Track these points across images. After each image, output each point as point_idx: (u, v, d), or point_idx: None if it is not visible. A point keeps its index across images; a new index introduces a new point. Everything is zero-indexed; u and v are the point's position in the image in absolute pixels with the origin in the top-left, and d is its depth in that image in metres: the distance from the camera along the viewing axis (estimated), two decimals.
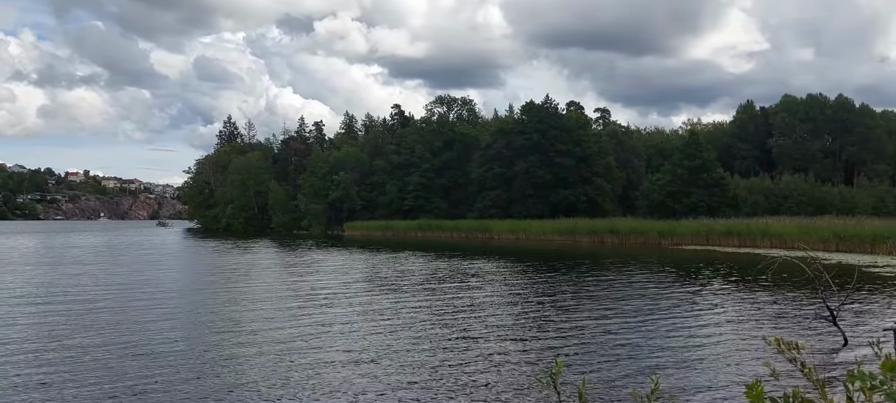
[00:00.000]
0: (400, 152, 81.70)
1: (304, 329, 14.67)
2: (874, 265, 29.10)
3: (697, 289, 21.70)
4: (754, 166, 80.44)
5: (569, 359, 11.62)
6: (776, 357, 2.33)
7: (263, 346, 12.81)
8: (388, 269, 29.97)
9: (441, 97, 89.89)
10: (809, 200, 65.59)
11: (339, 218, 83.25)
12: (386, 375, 10.64)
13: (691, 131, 79.73)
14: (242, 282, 24.94)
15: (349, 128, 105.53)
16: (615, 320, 15.75)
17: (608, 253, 40.62)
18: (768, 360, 2.59)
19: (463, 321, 15.81)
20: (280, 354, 12.04)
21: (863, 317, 15.65)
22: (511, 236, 60.88)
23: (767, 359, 2.60)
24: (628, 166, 78.04)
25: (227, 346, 12.77)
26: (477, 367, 11.18)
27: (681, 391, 9.64)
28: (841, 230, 39.97)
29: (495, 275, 26.89)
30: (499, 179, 72.35)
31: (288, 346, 12.76)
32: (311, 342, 13.21)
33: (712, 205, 61.45)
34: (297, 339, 13.43)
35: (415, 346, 12.84)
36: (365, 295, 20.70)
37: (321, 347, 12.75)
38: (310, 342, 13.20)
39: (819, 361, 11.17)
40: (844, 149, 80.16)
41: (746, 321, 15.60)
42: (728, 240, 45.98)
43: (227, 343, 13.12)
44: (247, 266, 33.30)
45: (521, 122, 73.91)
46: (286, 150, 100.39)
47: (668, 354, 12.10)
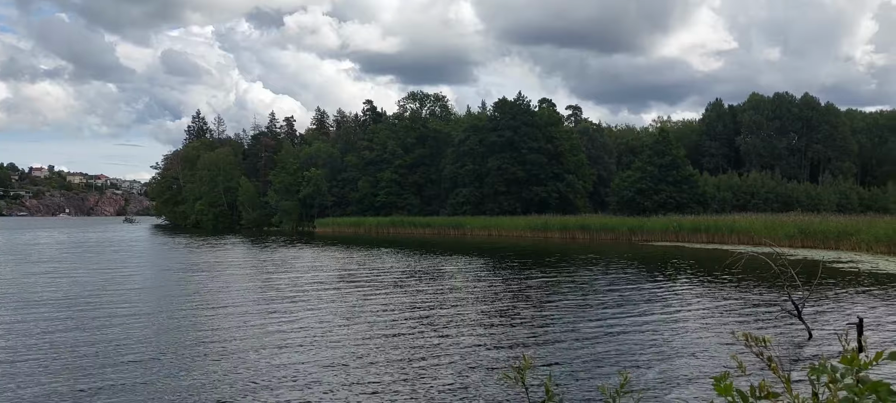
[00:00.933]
0: (372, 148, 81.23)
1: (273, 327, 14.41)
2: (838, 260, 29.63)
3: (666, 285, 21.84)
4: (722, 163, 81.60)
5: (538, 355, 11.58)
6: (743, 351, 2.29)
7: (231, 345, 12.54)
8: (359, 266, 29.71)
9: (414, 93, 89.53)
10: (776, 197, 66.77)
11: (310, 215, 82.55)
12: (354, 373, 10.48)
13: (661, 129, 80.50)
14: (210, 280, 24.50)
15: (320, 123, 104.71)
16: (584, 315, 15.75)
17: (579, 249, 40.81)
18: (735, 354, 2.53)
19: (433, 318, 15.67)
20: (248, 354, 11.79)
21: (827, 312, 15.86)
22: (483, 232, 60.94)
23: (735, 353, 2.61)
24: (599, 163, 78.64)
25: (193, 346, 12.46)
26: (446, 364, 11.07)
27: (650, 385, 9.65)
28: (806, 226, 40.67)
29: (467, 272, 26.80)
30: (471, 176, 72.36)
31: (256, 346, 12.51)
32: (279, 341, 12.96)
33: (681, 202, 62.22)
34: (265, 339, 13.18)
35: (384, 343, 12.68)
36: (335, 293, 20.45)
37: (289, 346, 12.51)
38: (278, 341, 12.96)
39: (785, 354, 11.25)
40: (810, 146, 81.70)
41: (714, 315, 15.70)
42: (697, 236, 46.54)
43: (193, 343, 12.82)
44: (215, 263, 32.76)
45: (493, 119, 73.96)
46: (256, 146, 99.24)
47: (637, 349, 12.11)
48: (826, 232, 38.56)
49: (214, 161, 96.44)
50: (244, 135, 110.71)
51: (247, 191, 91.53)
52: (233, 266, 31.11)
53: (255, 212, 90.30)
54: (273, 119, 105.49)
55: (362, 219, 75.16)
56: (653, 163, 64.98)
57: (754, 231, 42.05)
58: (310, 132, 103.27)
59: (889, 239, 33.78)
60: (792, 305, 13.65)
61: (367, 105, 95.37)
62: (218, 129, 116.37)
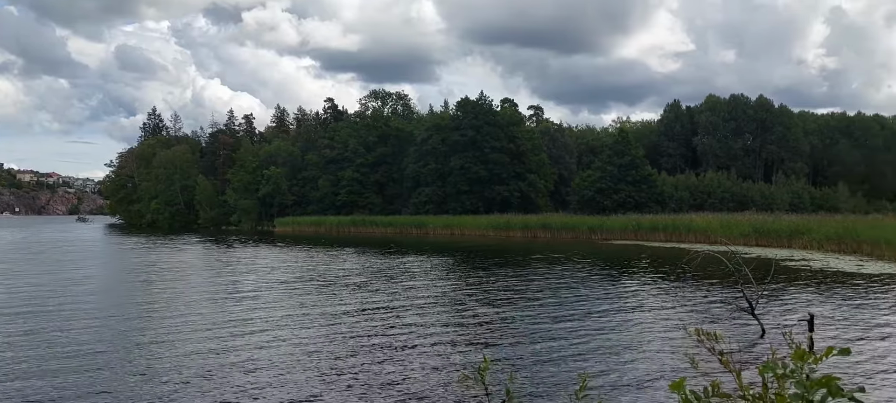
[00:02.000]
0: (333, 147, 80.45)
1: (229, 330, 14.03)
2: (791, 258, 30.30)
3: (625, 283, 22.00)
4: (680, 163, 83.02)
5: (498, 355, 11.49)
6: (697, 347, 2.40)
7: (186, 349, 12.15)
8: (318, 266, 29.30)
9: (375, 91, 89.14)
10: (732, 196, 68.22)
11: (270, 214, 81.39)
12: (313, 374, 10.26)
13: (621, 129, 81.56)
14: (165, 281, 23.85)
15: (280, 121, 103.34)
16: (545, 315, 15.72)
17: (541, 247, 40.98)
18: (688, 351, 2.68)
19: (393, 319, 15.46)
20: (203, 358, 11.43)
21: (780, 308, 16.13)
22: (446, 231, 60.82)
23: (688, 350, 2.62)
24: (560, 163, 79.27)
25: (148, 353, 12.03)
26: (405, 365, 10.91)
27: (608, 383, 9.66)
28: (760, 225, 41.54)
29: (429, 271, 26.63)
30: (434, 175, 72.21)
31: (212, 349, 12.15)
32: (235, 343, 12.63)
33: (640, 201, 63.11)
34: (221, 341, 12.82)
35: (343, 344, 12.44)
36: (294, 294, 20.07)
37: (247, 347, 12.19)
38: (234, 343, 12.62)
39: (738, 350, 11.36)
40: (764, 147, 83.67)
41: (671, 313, 15.82)
42: (655, 235, 47.17)
43: (149, 349, 12.38)
44: (170, 263, 31.97)
45: (455, 118, 73.95)
46: (214, 144, 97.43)
47: (597, 347, 12.10)
48: (779, 231, 39.43)
49: (171, 159, 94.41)
50: (202, 133, 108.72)
51: (204, 189, 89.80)
52: (190, 266, 30.39)
53: (213, 211, 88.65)
54: (231, 116, 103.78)
55: (323, 219, 74.36)
56: (612, 163, 65.81)
57: (711, 230, 42.79)
58: (269, 130, 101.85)
59: (839, 238, 34.69)
60: (746, 302, 13.82)
61: (328, 103, 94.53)
62: (174, 127, 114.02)
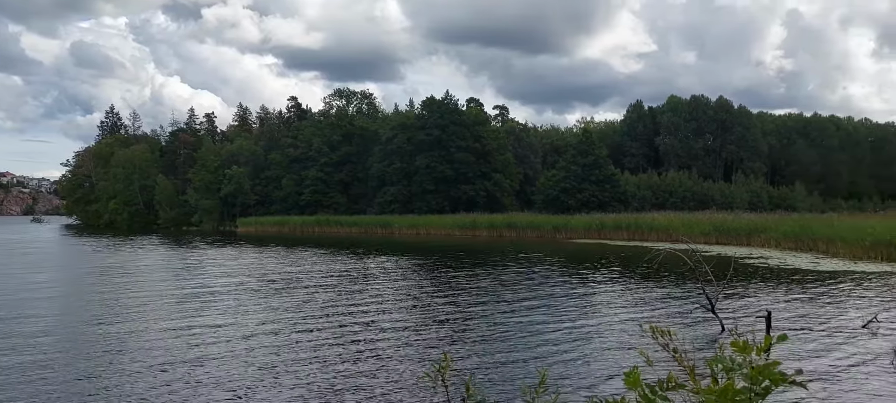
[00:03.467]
0: (297, 146, 79.55)
1: (189, 332, 13.66)
2: (749, 256, 30.81)
3: (588, 281, 22.09)
4: (643, 163, 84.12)
5: (460, 353, 11.39)
6: (653, 343, 2.44)
7: (143, 354, 11.77)
8: (281, 267, 28.85)
9: (340, 90, 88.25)
10: (693, 196, 69.32)
11: (232, 214, 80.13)
12: (275, 377, 10.07)
13: (584, 129, 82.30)
14: (121, 284, 23.21)
15: (243, 120, 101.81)
16: (508, 313, 15.66)
17: (506, 246, 41.03)
18: (644, 348, 2.75)
19: (357, 318, 15.24)
20: (161, 363, 11.07)
21: (739, 305, 16.32)
22: (411, 231, 60.58)
23: (644, 346, 2.84)
24: (526, 162, 79.63)
25: (101, 356, 11.62)
26: (368, 365, 10.76)
27: (568, 380, 9.65)
28: (720, 224, 42.23)
29: (393, 271, 26.41)
30: (399, 174, 71.90)
31: (170, 353, 11.80)
32: (195, 345, 12.28)
33: (604, 200, 63.72)
34: (180, 344, 12.47)
35: (305, 345, 12.19)
36: (255, 296, 19.68)
37: (206, 345, 11.85)
38: (196, 349, 12.26)
39: (698, 346, 11.42)
40: (724, 147, 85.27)
41: (633, 310, 15.89)
42: (618, 234, 47.63)
43: (101, 352, 11.97)
44: (128, 265, 31.16)
45: (421, 117, 73.74)
46: (174, 143, 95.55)
47: (558, 344, 12.07)
48: (738, 229, 40.11)
49: (130, 158, 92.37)
50: (162, 132, 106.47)
51: (164, 189, 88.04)
52: (149, 268, 29.65)
53: (174, 211, 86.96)
54: (192, 115, 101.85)
55: (287, 218, 73.46)
56: (576, 162, 66.35)
57: (672, 228, 43.39)
58: (231, 129, 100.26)
59: (796, 236, 35.42)
60: (706, 299, 13.93)
61: (291, 101, 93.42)
62: (133, 125, 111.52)
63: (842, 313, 15.08)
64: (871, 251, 28.61)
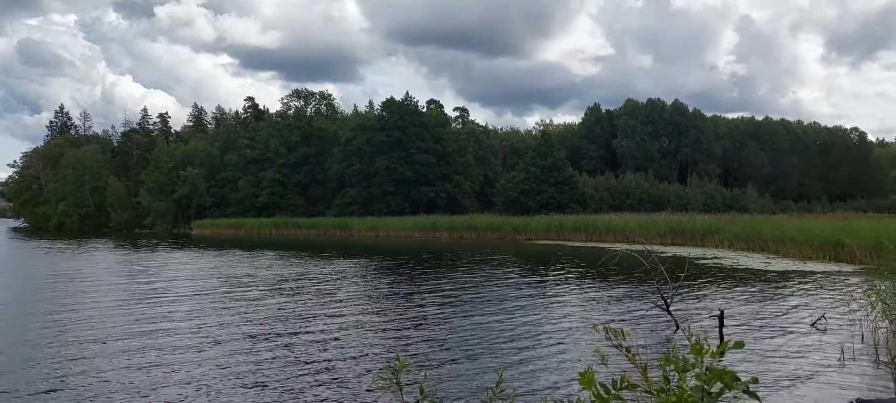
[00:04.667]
0: (254, 147, 78.31)
1: (141, 338, 13.21)
2: (704, 257, 31.37)
3: (547, 282, 22.16)
4: (600, 165, 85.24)
5: (417, 355, 11.26)
6: (609, 343, 2.51)
7: (93, 362, 11.31)
8: (237, 270, 28.26)
9: (298, 90, 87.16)
10: (649, 197, 70.53)
11: (187, 216, 78.42)
12: (228, 381, 9.74)
13: (544, 132, 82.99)
14: (69, 288, 22.39)
15: (198, 120, 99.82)
16: (466, 314, 15.57)
17: (466, 248, 41.02)
18: (599, 347, 2.85)
19: (313, 321, 14.95)
20: (113, 369, 10.65)
21: (693, 305, 16.54)
22: (371, 233, 60.17)
23: (599, 346, 2.85)
24: (486, 164, 79.90)
25: (49, 364, 11.11)
26: (323, 368, 10.57)
27: (525, 380, 9.60)
28: (676, 225, 42.97)
29: (352, 273, 26.10)
30: (359, 176, 71.40)
31: (122, 360, 11.36)
32: (148, 350, 11.87)
33: (562, 202, 64.34)
34: (132, 350, 12.04)
35: (261, 350, 11.88)
36: (209, 299, 19.19)
37: (158, 353, 11.44)
38: (146, 351, 11.85)
39: (654, 345, 11.49)
40: (679, 150, 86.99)
41: (590, 310, 15.96)
42: (576, 235, 48.09)
43: (50, 361, 11.45)
44: (77, 269, 30.15)
45: (381, 119, 73.36)
46: (127, 143, 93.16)
47: (515, 345, 12.02)
48: (693, 230, 40.86)
49: (80, 159, 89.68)
50: (113, 132, 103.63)
51: (116, 191, 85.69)
52: (100, 272, 28.72)
53: (126, 214, 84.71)
54: (145, 115, 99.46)
55: (243, 220, 72.22)
56: (536, 164, 66.87)
57: (629, 229, 43.98)
58: (186, 129, 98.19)
59: (748, 237, 36.23)
60: (661, 299, 14.06)
61: (248, 102, 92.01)
62: (84, 125, 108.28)
63: (791, 312, 15.40)
64: (819, 251, 29.41)
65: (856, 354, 10.75)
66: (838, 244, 28.70)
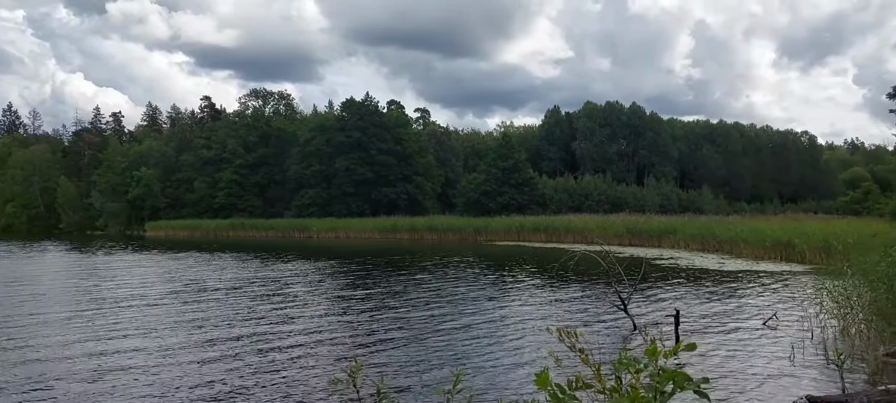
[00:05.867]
0: (210, 147, 76.99)
1: (92, 343, 12.74)
2: (660, 257, 31.85)
3: (506, 283, 22.19)
4: (560, 167, 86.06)
5: (375, 357, 11.12)
6: (562, 344, 2.55)
7: (40, 367, 10.84)
8: (192, 272, 27.63)
9: (256, 90, 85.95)
10: (607, 198, 71.43)
11: (140, 218, 76.65)
12: (181, 386, 9.42)
13: (504, 133, 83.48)
14: (17, 293, 21.55)
15: (152, 120, 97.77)
16: (426, 316, 15.46)
17: (427, 249, 40.91)
18: (554, 349, 2.86)
19: (270, 324, 14.65)
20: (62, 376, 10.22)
21: (650, 304, 16.73)
22: (330, 235, 59.60)
23: (555, 348, 2.83)
24: (447, 165, 79.97)
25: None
26: (280, 371, 10.35)
27: (483, 381, 9.54)
28: (633, 226, 43.57)
29: (310, 275, 25.74)
30: (318, 177, 70.73)
31: (70, 366, 10.92)
32: (98, 355, 11.45)
33: (523, 203, 64.77)
34: (82, 355, 11.59)
35: (215, 354, 11.56)
36: (162, 303, 18.67)
37: (109, 357, 11.04)
38: (97, 356, 11.43)
39: (611, 345, 11.55)
40: (637, 152, 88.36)
41: (549, 311, 16.01)
42: (536, 236, 48.40)
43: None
44: (23, 272, 29.09)
45: (341, 119, 72.83)
46: (78, 143, 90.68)
47: (474, 346, 11.97)
48: (650, 231, 41.49)
49: (29, 159, 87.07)
50: (64, 131, 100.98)
51: (67, 191, 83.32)
52: (47, 275, 27.76)
53: (77, 215, 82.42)
54: (98, 114, 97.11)
55: (199, 222, 70.87)
56: (497, 166, 67.17)
57: (588, 230, 44.45)
58: (140, 129, 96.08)
59: (703, 237, 36.93)
60: (619, 299, 14.17)
61: (204, 101, 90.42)
62: (33, 124, 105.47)
63: (744, 311, 15.69)
64: (771, 251, 30.14)
65: (806, 352, 10.97)
66: (789, 245, 29.45)
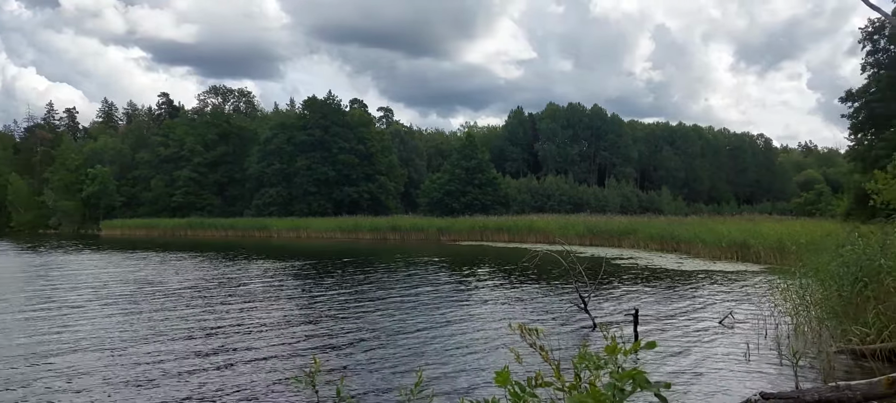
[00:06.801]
0: (168, 144, 75.46)
1: (43, 346, 12.28)
2: (620, 257, 32.25)
3: (469, 283, 22.18)
4: (523, 167, 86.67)
5: (336, 358, 10.97)
6: (526, 342, 2.58)
7: None
8: (148, 273, 26.97)
9: (215, 87, 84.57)
10: (569, 199, 72.17)
11: (95, 217, 74.71)
12: (136, 389, 9.13)
13: (468, 133, 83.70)
14: None
15: (108, 116, 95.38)
16: (386, 316, 15.33)
17: (389, 249, 40.71)
18: (516, 347, 2.90)
19: (228, 325, 14.35)
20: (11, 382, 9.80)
21: (609, 303, 16.88)
22: (292, 234, 58.94)
23: (516, 345, 2.90)
24: (410, 165, 79.84)
25: None
26: (238, 373, 10.13)
27: (444, 380, 9.53)
28: (594, 226, 44.08)
29: (270, 275, 25.36)
30: (279, 175, 69.89)
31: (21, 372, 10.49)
32: (50, 357, 11.04)
33: (486, 203, 65.01)
34: (34, 358, 11.15)
35: (172, 355, 11.25)
36: (116, 305, 18.16)
37: (62, 359, 10.65)
38: (48, 359, 11.01)
39: (571, 343, 11.60)
40: (598, 153, 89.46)
41: (510, 310, 16.03)
42: (499, 236, 48.61)
43: None
44: None
45: (302, 117, 72.12)
46: (30, 139, 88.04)
47: (435, 345, 11.90)
48: (610, 231, 42.00)
49: None
50: (15, 127, 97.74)
51: (18, 189, 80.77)
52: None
53: (29, 214, 79.96)
54: (51, 109, 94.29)
55: (156, 221, 69.40)
56: (460, 166, 67.30)
57: (550, 230, 44.80)
58: (95, 125, 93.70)
59: (661, 238, 37.53)
60: (579, 298, 14.25)
61: (162, 98, 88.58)
62: None
63: (701, 310, 15.94)
64: (728, 251, 30.77)
65: (760, 350, 11.17)
66: (745, 245, 30.10)
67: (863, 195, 29.64)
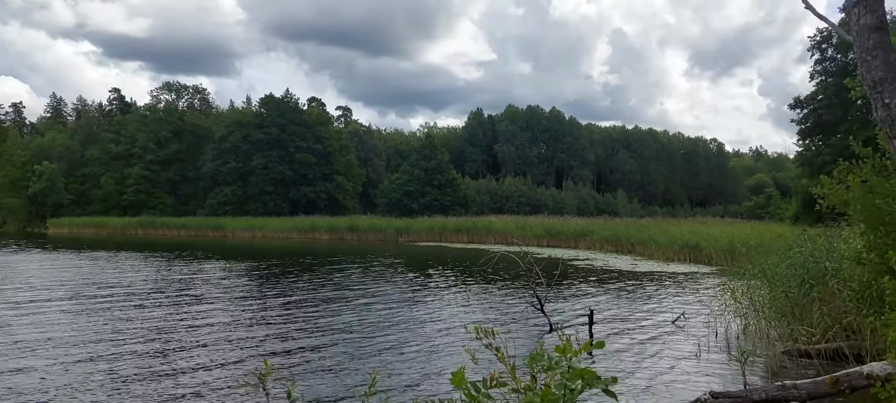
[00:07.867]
0: (119, 141, 73.55)
1: None
2: (577, 258, 32.61)
3: (426, 284, 22.12)
4: (482, 169, 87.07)
5: (289, 360, 10.77)
6: (482, 343, 2.63)
7: None
8: (96, 273, 26.16)
9: (168, 83, 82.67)
10: (527, 200, 72.78)
11: (42, 214, 72.33)
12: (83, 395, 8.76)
13: (427, 134, 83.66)
14: None
15: (56, 111, 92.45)
16: (341, 317, 15.17)
17: (347, 250, 40.37)
18: (472, 348, 2.94)
19: (178, 328, 13.98)
20: None
21: (565, 304, 17.03)
22: (247, 234, 58.00)
23: (472, 346, 2.92)
24: (369, 165, 79.43)
25: None
26: (187, 376, 9.86)
27: (399, 381, 9.45)
28: (551, 227, 44.52)
29: (223, 276, 24.87)
30: (234, 174, 68.74)
31: None
32: None
33: (445, 204, 65.07)
34: None
35: (119, 359, 10.89)
36: (61, 308, 17.54)
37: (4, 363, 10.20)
38: None
39: (528, 344, 11.64)
40: (556, 155, 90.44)
41: (468, 311, 16.02)
42: (458, 236, 48.70)
43: None
44: None
45: (259, 115, 71.11)
46: None
47: (391, 347, 11.80)
48: (567, 232, 42.49)
49: None
50: None
51: None
52: None
53: None
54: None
55: (106, 220, 67.47)
56: (419, 166, 67.25)
57: (508, 231, 45.07)
58: (42, 121, 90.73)
59: (617, 239, 38.12)
60: (536, 299, 14.32)
61: (113, 93, 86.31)
62: None
63: (655, 310, 16.20)
64: (680, 253, 31.40)
65: (711, 349, 11.40)
66: (697, 247, 30.75)
67: (810, 199, 30.59)
